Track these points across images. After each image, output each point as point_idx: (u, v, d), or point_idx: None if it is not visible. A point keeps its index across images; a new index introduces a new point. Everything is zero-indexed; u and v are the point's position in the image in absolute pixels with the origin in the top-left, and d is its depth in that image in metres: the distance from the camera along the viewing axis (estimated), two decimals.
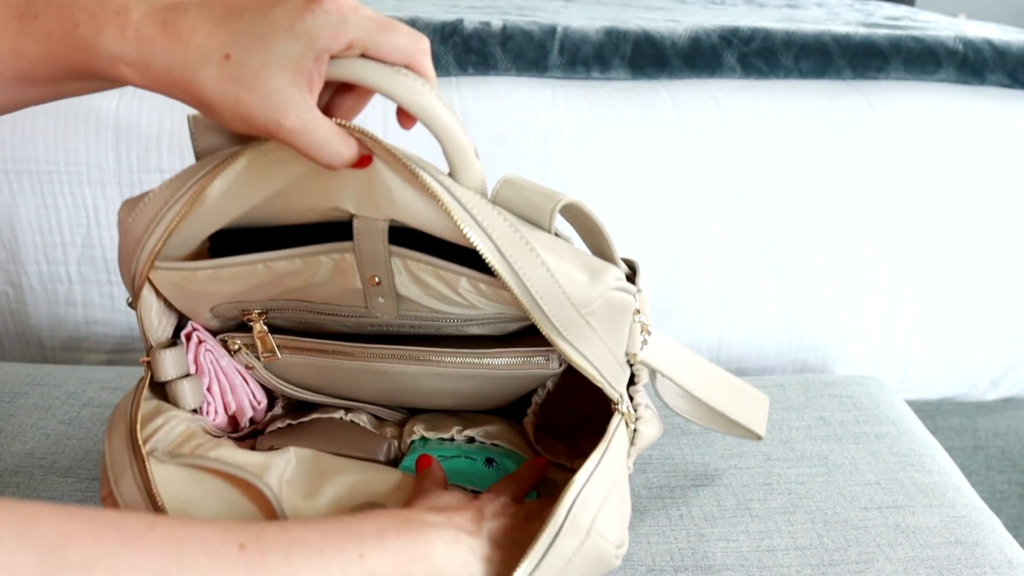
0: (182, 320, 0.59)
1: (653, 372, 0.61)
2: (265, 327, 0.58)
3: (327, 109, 0.48)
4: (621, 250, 0.57)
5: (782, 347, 1.02)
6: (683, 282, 0.99)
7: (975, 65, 1.03)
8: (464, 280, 0.51)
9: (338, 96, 0.48)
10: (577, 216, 0.52)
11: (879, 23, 1.24)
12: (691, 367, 0.62)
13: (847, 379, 0.84)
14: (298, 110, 0.42)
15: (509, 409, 0.65)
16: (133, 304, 0.56)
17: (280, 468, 0.57)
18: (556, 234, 0.50)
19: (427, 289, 0.52)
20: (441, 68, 0.98)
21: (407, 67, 0.45)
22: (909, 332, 1.03)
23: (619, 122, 0.96)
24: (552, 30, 1.00)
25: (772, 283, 0.99)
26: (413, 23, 0.98)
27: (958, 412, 1.07)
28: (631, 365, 0.56)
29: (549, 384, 0.61)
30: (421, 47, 0.44)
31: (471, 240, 0.47)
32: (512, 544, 0.48)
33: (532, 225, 0.49)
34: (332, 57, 0.43)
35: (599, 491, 0.50)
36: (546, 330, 0.49)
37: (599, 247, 0.53)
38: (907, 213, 0.99)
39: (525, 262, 0.47)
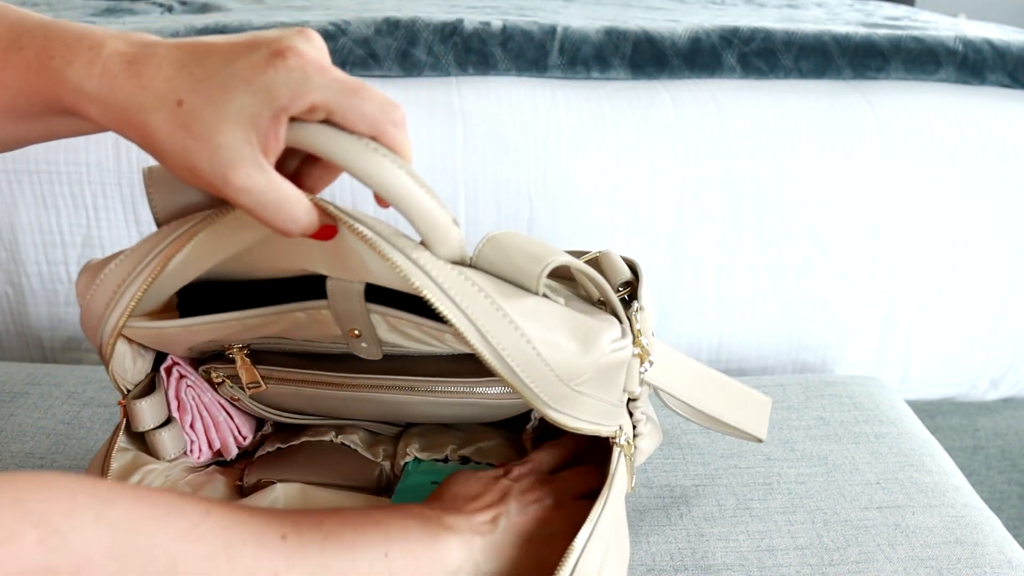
0: (160, 353, 0.57)
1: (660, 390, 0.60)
2: (248, 360, 0.55)
3: (294, 178, 0.44)
4: (621, 250, 0.57)
5: (782, 347, 1.02)
6: (683, 282, 0.99)
7: (975, 65, 1.03)
8: (449, 336, 0.48)
9: (307, 164, 0.45)
10: (573, 274, 0.49)
11: (879, 23, 1.24)
12: (691, 378, 0.60)
13: (847, 379, 0.84)
14: (248, 169, 0.38)
15: (506, 423, 0.64)
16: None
17: None
18: (546, 295, 0.46)
19: (411, 339, 0.50)
20: (441, 68, 0.98)
21: (374, 138, 0.40)
22: (909, 332, 1.03)
23: (619, 122, 0.96)
24: (552, 30, 1.00)
25: (772, 283, 0.99)
26: (413, 23, 0.98)
27: (958, 412, 1.07)
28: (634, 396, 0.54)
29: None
30: (391, 118, 0.40)
31: (447, 318, 0.43)
32: (527, 541, 0.49)
33: (518, 289, 0.45)
34: (293, 120, 0.39)
35: (599, 548, 0.47)
36: (535, 403, 0.45)
37: (599, 295, 0.50)
38: (907, 213, 0.99)
39: (505, 337, 0.43)
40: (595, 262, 0.52)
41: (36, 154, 0.92)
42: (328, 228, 0.43)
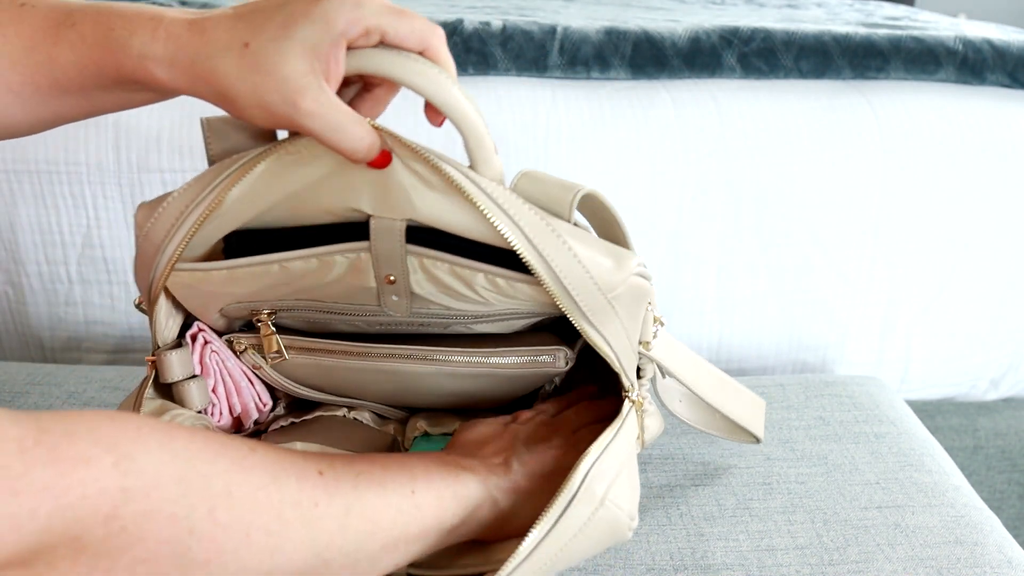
0: (187, 320, 0.59)
1: (654, 378, 0.61)
2: (273, 327, 0.58)
3: None
4: None
5: (782, 347, 1.02)
6: (683, 282, 0.99)
7: (975, 65, 1.03)
8: (481, 276, 0.51)
9: (357, 99, 0.50)
10: (594, 207, 0.52)
11: (879, 23, 1.24)
12: (694, 367, 0.63)
13: (847, 379, 0.84)
14: (315, 93, 0.42)
15: (508, 406, 0.65)
16: (145, 307, 0.56)
17: None
18: (575, 224, 0.51)
19: (442, 287, 0.52)
20: None
21: (424, 51, 0.45)
22: (909, 332, 1.03)
23: (619, 122, 0.96)
24: (552, 30, 1.00)
25: (772, 283, 0.99)
26: None
27: (958, 412, 1.07)
28: (640, 357, 0.57)
29: (557, 380, 0.62)
30: (437, 32, 0.45)
31: (501, 231, 0.47)
32: (541, 477, 0.52)
33: (554, 216, 0.50)
34: (350, 48, 0.44)
35: (612, 464, 0.51)
36: (574, 316, 0.50)
37: (615, 237, 0.53)
38: (907, 213, 0.99)
39: (555, 251, 0.48)
40: (585, 200, 0.54)
41: (36, 154, 0.92)
42: (384, 155, 0.46)
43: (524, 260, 0.48)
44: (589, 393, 0.62)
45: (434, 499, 0.48)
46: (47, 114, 0.49)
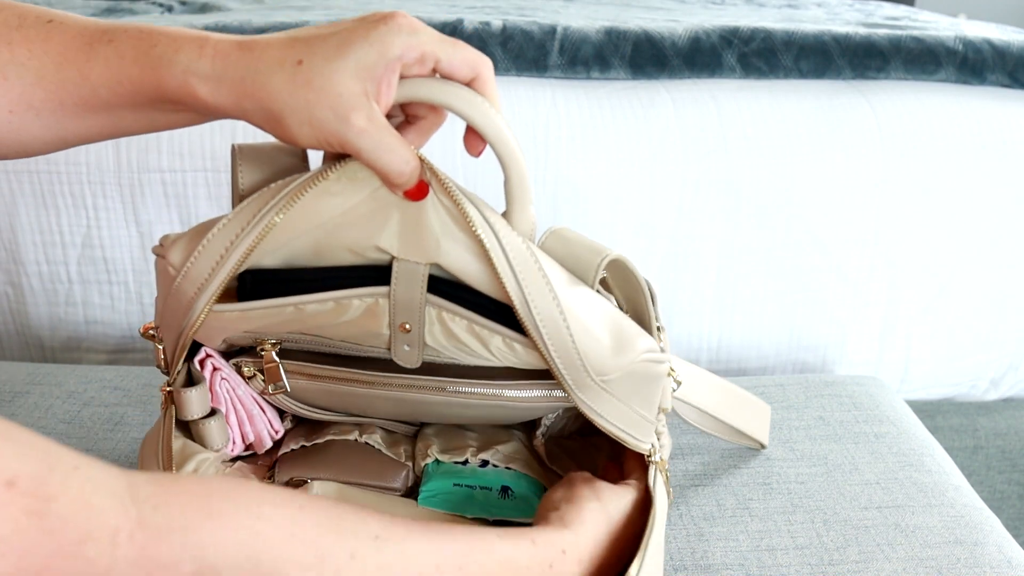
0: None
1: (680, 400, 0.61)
2: (276, 358, 0.56)
3: None
4: (621, 250, 0.57)
5: (782, 347, 1.02)
6: (683, 282, 0.99)
7: (975, 65, 1.03)
8: (499, 339, 0.50)
9: (401, 129, 0.49)
10: (621, 273, 0.51)
11: (879, 23, 1.24)
12: (706, 387, 0.62)
13: (847, 379, 0.84)
14: (367, 112, 0.43)
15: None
16: (162, 340, 0.54)
17: None
18: (599, 291, 0.50)
19: (457, 343, 0.51)
20: None
21: (474, 80, 0.46)
22: (909, 332, 1.03)
23: (619, 122, 0.96)
24: (552, 30, 1.00)
25: (772, 283, 0.99)
26: None
27: (958, 412, 1.07)
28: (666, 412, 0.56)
29: (560, 411, 0.61)
30: (487, 63, 0.46)
31: (506, 288, 0.46)
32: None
33: (574, 277, 0.49)
34: (403, 76, 0.44)
35: (653, 569, 0.49)
36: (560, 380, 0.49)
37: (638, 308, 0.52)
38: (907, 213, 0.99)
39: (552, 323, 0.47)
40: (612, 265, 0.53)
41: None
42: (422, 186, 0.46)
43: (521, 323, 0.47)
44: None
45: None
46: (64, 133, 0.48)
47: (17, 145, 0.48)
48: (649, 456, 0.53)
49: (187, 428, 0.57)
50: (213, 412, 0.57)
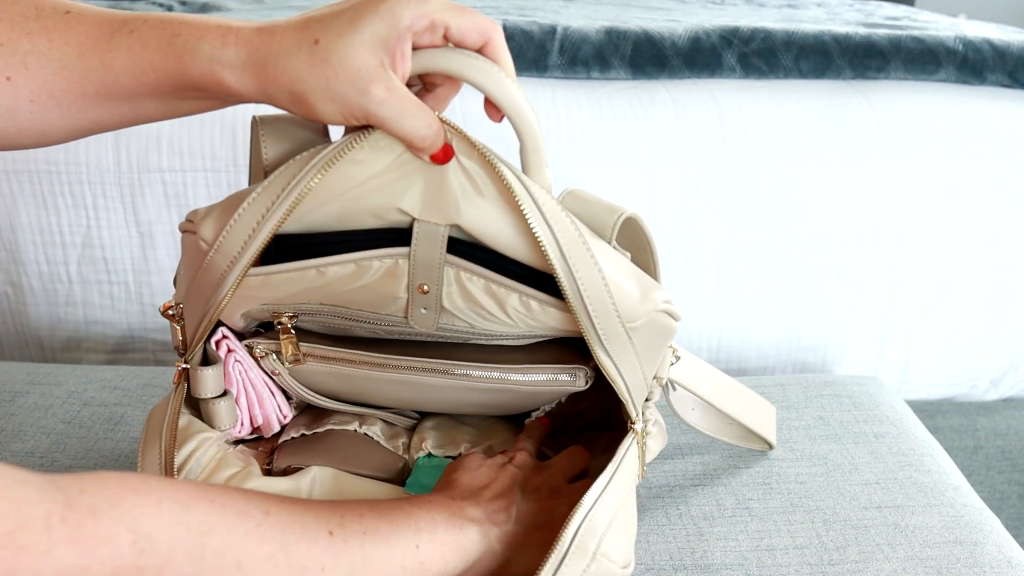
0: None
1: (666, 387, 0.61)
2: (293, 331, 0.57)
3: None
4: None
5: (782, 347, 1.02)
6: (683, 282, 0.99)
7: (975, 65, 1.03)
8: (515, 297, 0.50)
9: (420, 97, 0.50)
10: (633, 231, 0.52)
11: (879, 23, 1.24)
12: (712, 381, 0.63)
13: (847, 379, 0.84)
14: (386, 82, 0.44)
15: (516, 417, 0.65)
16: (198, 320, 0.54)
17: (305, 491, 0.57)
18: (615, 247, 0.51)
19: (474, 304, 0.51)
20: None
21: (484, 46, 0.47)
22: (909, 332, 1.03)
23: (619, 122, 0.96)
24: (552, 30, 1.00)
25: (772, 283, 0.99)
26: None
27: (958, 412, 1.07)
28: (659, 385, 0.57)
29: (563, 398, 0.61)
30: (497, 28, 0.47)
31: (537, 235, 0.47)
32: (534, 528, 0.52)
33: (594, 235, 0.50)
34: (416, 47, 0.45)
35: (606, 513, 0.50)
36: (589, 336, 0.50)
37: (646, 265, 0.53)
38: (907, 213, 0.99)
39: (583, 266, 0.48)
40: (626, 223, 0.54)
41: (36, 154, 0.92)
42: (447, 148, 0.47)
43: (552, 270, 0.48)
44: (546, 424, 0.62)
45: (438, 554, 0.49)
46: (85, 122, 0.49)
47: (37, 134, 0.49)
48: (632, 423, 0.54)
49: (195, 406, 0.58)
50: (225, 393, 0.57)
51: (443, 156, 0.47)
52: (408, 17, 0.44)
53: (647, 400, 0.57)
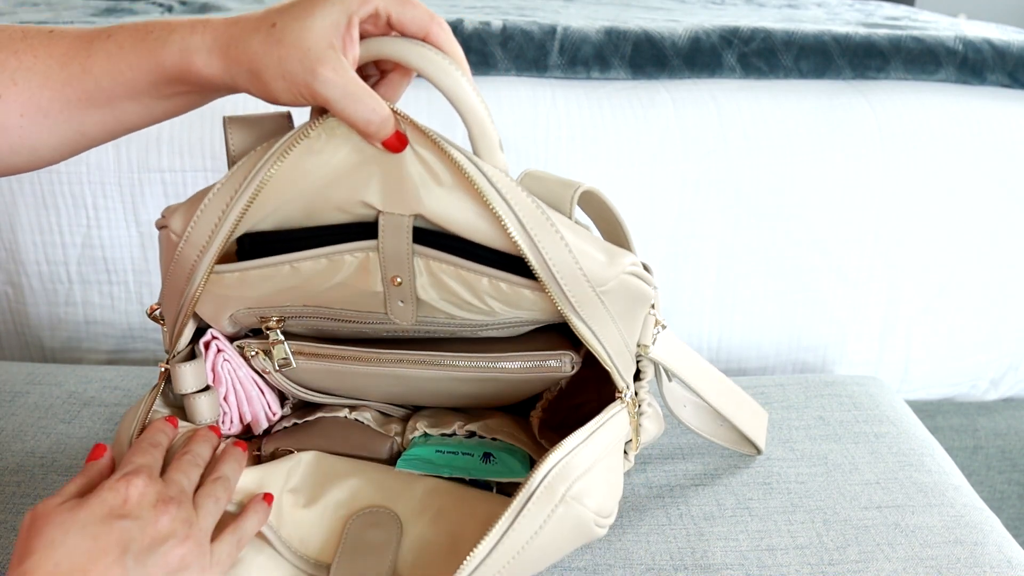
0: (198, 327, 0.59)
1: (659, 375, 0.61)
2: (281, 336, 0.58)
3: None
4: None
5: (782, 347, 1.02)
6: (683, 282, 0.99)
7: (975, 65, 1.03)
8: (485, 281, 0.51)
9: (374, 85, 0.52)
10: (596, 205, 0.53)
11: (879, 23, 1.24)
12: (701, 371, 0.63)
13: (847, 379, 0.84)
14: (334, 63, 0.46)
15: (516, 404, 0.65)
16: (165, 316, 0.56)
17: (283, 477, 0.58)
18: (576, 222, 0.52)
19: (447, 292, 0.52)
20: None
21: (425, 37, 0.49)
22: (909, 332, 1.03)
23: (619, 122, 0.96)
24: (552, 30, 1.00)
25: (772, 283, 0.99)
26: None
27: (958, 412, 1.07)
28: (639, 360, 0.57)
29: (562, 382, 0.62)
30: (437, 20, 0.49)
31: (496, 212, 0.48)
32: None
33: (553, 210, 0.51)
34: (365, 36, 0.48)
35: (582, 463, 0.51)
36: (562, 306, 0.50)
37: (616, 236, 0.54)
38: (907, 213, 0.99)
39: (546, 237, 0.49)
40: (589, 198, 0.54)
41: None
42: (400, 137, 0.49)
43: (516, 244, 0.49)
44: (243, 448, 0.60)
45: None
46: (71, 133, 0.51)
47: (28, 151, 0.51)
48: (620, 393, 0.55)
49: (179, 402, 0.59)
50: (206, 388, 0.58)
51: (396, 143, 0.49)
52: (355, 3, 0.47)
53: (638, 379, 0.58)
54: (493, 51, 0.99)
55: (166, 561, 0.46)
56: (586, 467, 0.51)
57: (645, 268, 0.56)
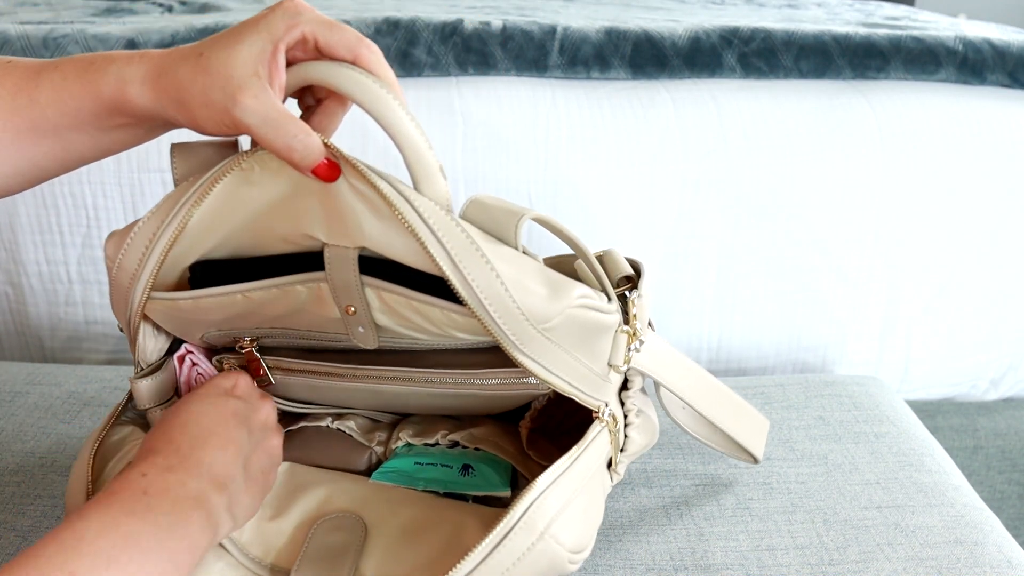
0: (175, 340, 0.59)
1: (657, 382, 0.60)
2: (257, 354, 0.58)
3: None
4: (621, 250, 0.57)
5: (782, 347, 1.02)
6: (683, 282, 0.99)
7: (975, 65, 1.03)
8: (437, 312, 0.50)
9: (310, 114, 0.52)
10: (554, 230, 0.51)
11: (879, 23, 1.24)
12: (693, 379, 0.61)
13: (847, 379, 0.84)
14: (255, 91, 0.45)
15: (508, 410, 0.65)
16: (127, 332, 0.56)
17: None
18: (524, 252, 0.49)
19: (403, 320, 0.51)
20: (441, 68, 0.98)
21: (355, 61, 0.47)
22: (909, 332, 1.03)
23: (619, 122, 0.96)
24: (552, 30, 1.00)
25: (772, 283, 0.99)
26: (413, 23, 0.98)
27: (958, 412, 1.07)
28: (620, 373, 0.55)
29: (550, 392, 0.61)
30: (366, 43, 0.48)
31: (425, 244, 0.46)
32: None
33: (498, 240, 0.48)
34: (293, 62, 0.47)
35: (561, 495, 0.50)
36: (504, 343, 0.48)
37: (583, 260, 0.52)
38: (907, 213, 0.99)
39: (478, 272, 0.46)
40: (598, 260, 0.53)
41: None
42: (332, 166, 0.47)
43: (448, 281, 0.46)
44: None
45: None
46: (24, 163, 0.50)
47: None
48: (596, 413, 0.53)
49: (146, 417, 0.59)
50: (168, 401, 0.58)
51: (326, 172, 0.47)
52: (281, 28, 0.46)
53: (626, 389, 0.56)
54: (493, 51, 0.98)
55: (267, 446, 0.54)
56: (565, 501, 0.50)
57: (635, 268, 0.54)
